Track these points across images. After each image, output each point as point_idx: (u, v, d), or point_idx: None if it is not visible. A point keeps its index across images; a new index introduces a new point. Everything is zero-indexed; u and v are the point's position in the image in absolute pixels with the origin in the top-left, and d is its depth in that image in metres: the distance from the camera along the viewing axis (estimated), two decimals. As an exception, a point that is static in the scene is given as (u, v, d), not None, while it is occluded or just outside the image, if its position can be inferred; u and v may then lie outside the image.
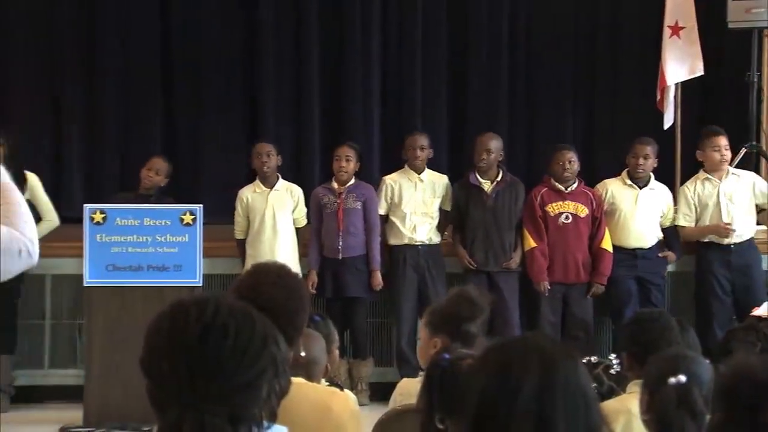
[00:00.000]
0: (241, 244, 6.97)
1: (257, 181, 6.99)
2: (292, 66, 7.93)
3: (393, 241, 7.05)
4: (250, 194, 6.96)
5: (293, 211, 6.96)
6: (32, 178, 6.87)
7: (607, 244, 6.94)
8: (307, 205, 7.02)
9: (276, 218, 6.86)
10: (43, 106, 7.78)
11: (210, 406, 1.66)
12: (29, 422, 6.50)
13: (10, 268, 2.40)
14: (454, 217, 7.13)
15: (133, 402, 6.06)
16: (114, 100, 7.82)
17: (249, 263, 6.68)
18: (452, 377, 2.29)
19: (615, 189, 7.05)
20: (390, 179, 7.13)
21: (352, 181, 7.01)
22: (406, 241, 7.00)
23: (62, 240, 6.96)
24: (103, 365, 6.21)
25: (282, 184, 6.99)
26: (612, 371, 3.42)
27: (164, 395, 1.69)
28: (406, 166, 7.13)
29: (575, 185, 6.99)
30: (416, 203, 7.04)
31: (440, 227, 7.14)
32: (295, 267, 6.27)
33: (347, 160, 6.97)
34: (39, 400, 6.94)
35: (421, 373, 2.89)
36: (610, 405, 3.01)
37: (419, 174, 7.09)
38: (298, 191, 7.02)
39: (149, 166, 7.01)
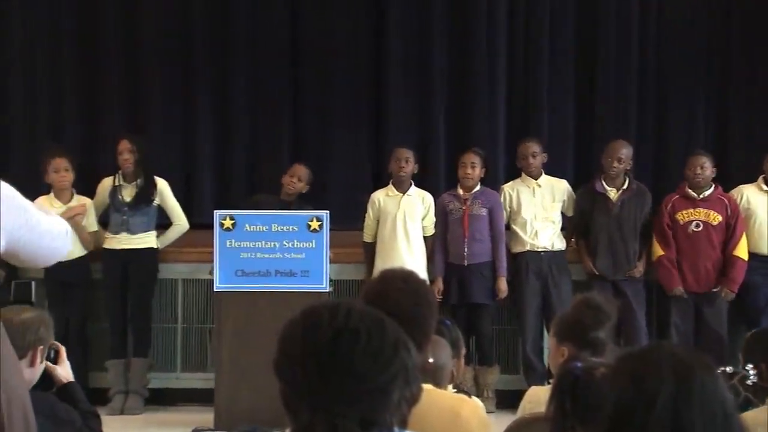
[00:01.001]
0: (368, 248, 7.02)
1: (390, 185, 7.04)
2: (418, 72, 7.91)
3: (515, 248, 7.02)
4: (382, 197, 7.01)
5: (423, 218, 6.98)
6: (162, 184, 7.06)
7: (741, 252, 6.77)
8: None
9: (406, 223, 6.90)
10: (175, 114, 7.94)
11: (342, 409, 1.67)
12: (162, 424, 6.66)
13: (64, 248, 2.48)
14: (578, 224, 7.06)
15: (262, 405, 6.15)
16: (243, 108, 7.93)
17: (377, 266, 6.76)
18: (585, 386, 2.26)
19: (750, 194, 6.90)
20: (508, 187, 7.13)
21: (478, 187, 7.00)
22: (528, 248, 6.98)
23: (193, 245, 7.13)
24: (232, 369, 6.32)
25: (414, 190, 7.04)
26: (748, 382, 3.31)
27: (297, 398, 1.71)
28: (522, 174, 7.11)
29: (709, 192, 6.84)
30: (536, 208, 7.01)
31: (566, 234, 7.09)
32: (422, 273, 6.31)
33: (473, 167, 6.97)
34: (171, 403, 7.10)
35: (550, 381, 2.85)
36: (748, 416, 2.92)
37: (536, 179, 7.06)
38: (429, 199, 7.05)
39: (291, 173, 7.11)
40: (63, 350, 3.30)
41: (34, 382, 3.00)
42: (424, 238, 6.98)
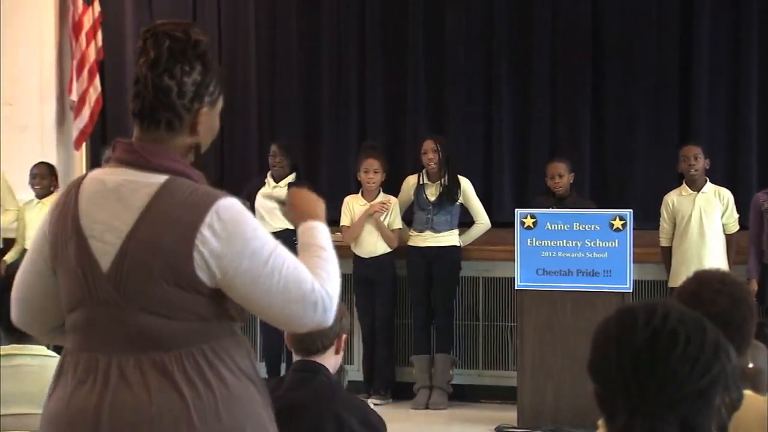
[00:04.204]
0: (666, 252, 6.83)
1: (684, 185, 6.83)
2: (730, 62, 7.56)
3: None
4: (675, 197, 6.84)
5: (722, 216, 6.71)
6: (465, 183, 7.16)
7: None
8: (740, 211, 6.75)
9: (702, 221, 6.67)
10: (476, 113, 8.01)
11: (661, 413, 1.63)
12: (466, 420, 6.75)
13: (301, 319, 2.13)
14: None
15: (565, 406, 6.12)
16: (544, 106, 7.89)
17: (674, 268, 6.56)
18: None
19: None
20: None
21: (796, 184, 6.64)
22: None
23: (494, 244, 7.18)
24: (535, 368, 6.31)
25: (710, 187, 6.81)
26: None
27: (613, 400, 1.68)
28: None
29: None
30: None
31: None
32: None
33: (791, 162, 6.62)
34: (474, 399, 7.18)
35: None
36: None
37: None
38: (727, 195, 6.79)
39: (551, 174, 7.03)
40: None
41: (336, 368, 3.12)
42: (727, 236, 6.70)
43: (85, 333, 2.18)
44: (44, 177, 7.53)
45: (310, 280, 2.13)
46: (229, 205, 2.14)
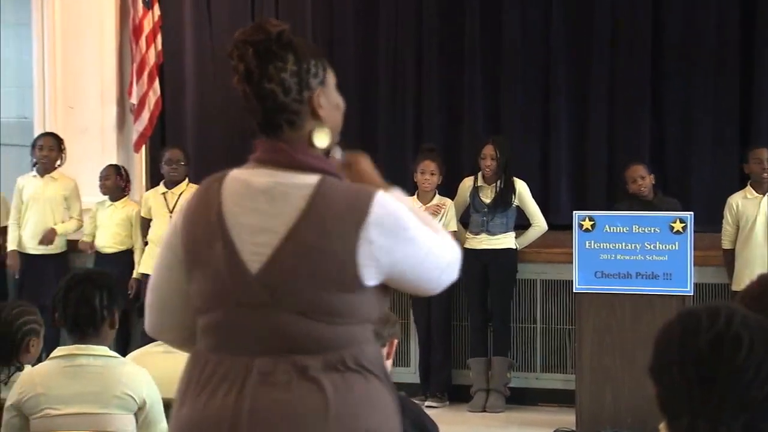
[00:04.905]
0: (728, 255, 6.74)
1: (749, 187, 6.74)
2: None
3: None
4: (740, 200, 6.77)
5: (788, 220, 6.64)
6: (521, 186, 7.12)
7: None
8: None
9: (768, 226, 6.59)
10: (533, 115, 7.96)
11: (723, 417, 1.61)
12: (524, 423, 6.72)
13: (450, 278, 2.22)
14: None
15: (624, 409, 6.07)
16: (601, 108, 7.81)
17: (738, 272, 6.49)
18: None
19: None
20: None
21: None
22: None
23: (551, 246, 7.14)
24: (594, 371, 6.26)
25: None
26: None
27: (675, 403, 1.66)
28: None
29: None
30: None
31: None
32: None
33: None
34: (532, 403, 7.14)
35: None
36: None
37: None
38: None
39: (632, 178, 6.97)
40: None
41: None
42: None
43: (221, 335, 2.13)
44: (108, 178, 7.63)
45: (448, 241, 2.21)
46: (387, 198, 2.13)
